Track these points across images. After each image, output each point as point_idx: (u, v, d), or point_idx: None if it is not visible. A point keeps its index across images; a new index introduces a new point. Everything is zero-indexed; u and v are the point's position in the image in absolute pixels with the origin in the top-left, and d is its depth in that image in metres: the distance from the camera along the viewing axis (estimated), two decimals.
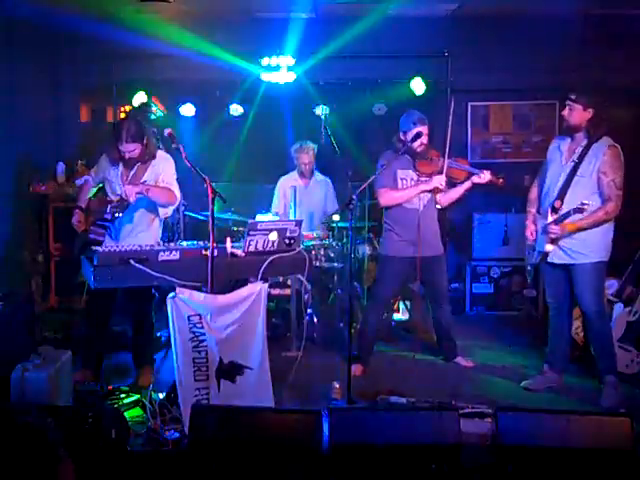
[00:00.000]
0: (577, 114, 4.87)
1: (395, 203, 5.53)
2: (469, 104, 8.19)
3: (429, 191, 5.51)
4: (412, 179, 5.53)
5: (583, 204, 4.67)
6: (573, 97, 4.88)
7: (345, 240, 6.61)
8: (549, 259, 5.00)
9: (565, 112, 4.95)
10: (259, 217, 6.64)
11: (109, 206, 5.01)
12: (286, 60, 7.27)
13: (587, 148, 4.85)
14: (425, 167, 5.50)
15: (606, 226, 4.88)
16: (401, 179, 5.53)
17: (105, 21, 6.85)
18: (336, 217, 6.62)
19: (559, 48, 7.28)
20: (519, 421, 3.57)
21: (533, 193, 5.27)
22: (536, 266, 5.22)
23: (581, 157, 4.86)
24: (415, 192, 5.48)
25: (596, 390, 5.06)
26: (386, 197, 5.54)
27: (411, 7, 7.23)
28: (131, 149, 4.94)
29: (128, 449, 3.95)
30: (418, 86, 7.56)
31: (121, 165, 5.09)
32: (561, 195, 4.90)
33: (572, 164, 4.90)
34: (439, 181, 5.42)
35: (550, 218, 4.90)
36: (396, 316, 6.87)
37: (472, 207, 7.59)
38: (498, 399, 4.94)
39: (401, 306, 6.94)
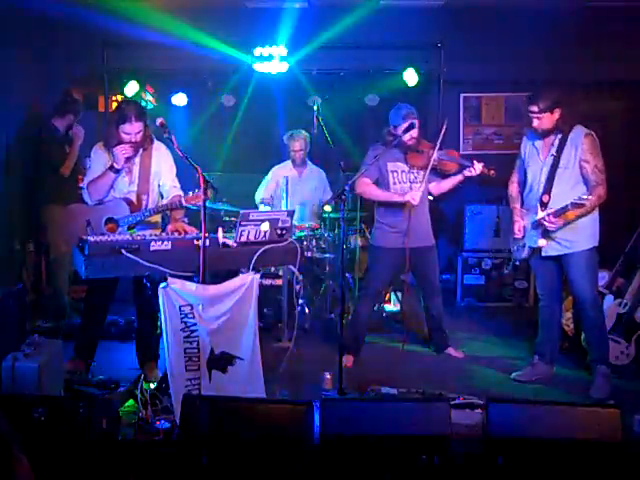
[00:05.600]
0: (547, 120, 4.87)
1: (368, 198, 5.61)
2: (461, 95, 8.20)
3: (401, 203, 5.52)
4: (403, 171, 5.53)
5: (581, 199, 4.67)
6: (536, 109, 4.84)
7: (337, 231, 6.62)
8: (544, 253, 5.01)
9: (535, 124, 4.90)
10: (262, 208, 6.66)
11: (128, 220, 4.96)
12: (279, 50, 7.25)
13: (564, 140, 4.88)
14: (415, 159, 5.49)
15: (595, 212, 4.92)
16: (392, 172, 5.52)
17: (97, 9, 6.82)
18: (328, 208, 6.61)
19: (553, 39, 7.30)
20: (509, 412, 3.59)
21: (514, 190, 5.26)
22: (525, 260, 5.24)
23: (560, 150, 4.89)
24: (389, 199, 5.50)
25: (586, 381, 5.08)
26: (363, 188, 5.52)
27: None
28: (137, 129, 4.89)
29: (119, 439, 3.95)
30: (411, 77, 7.55)
31: None
32: (547, 189, 4.92)
33: (552, 158, 4.92)
34: (412, 197, 5.38)
35: (541, 213, 4.91)
36: (387, 307, 6.88)
37: (464, 198, 7.59)
38: (489, 390, 4.96)
39: (392, 297, 6.96)
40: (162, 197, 5.14)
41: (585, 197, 4.67)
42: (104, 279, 4.56)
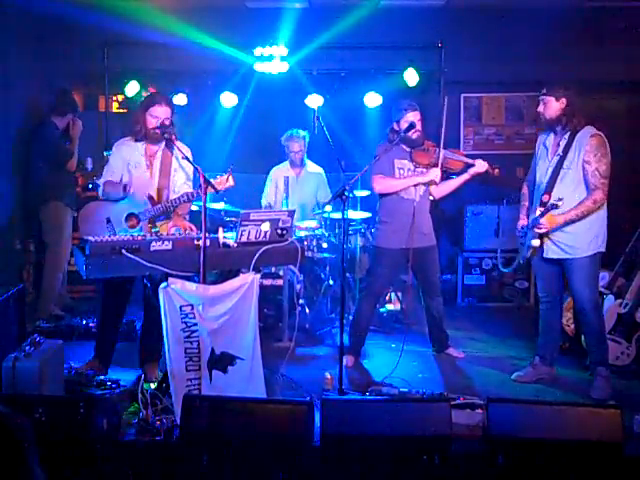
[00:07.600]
0: (550, 106, 4.90)
1: (389, 191, 5.51)
2: (462, 95, 8.19)
3: (424, 184, 5.52)
4: (409, 169, 5.53)
5: (559, 199, 4.70)
6: (544, 91, 4.94)
7: (337, 231, 6.61)
8: (544, 254, 5.00)
9: (540, 108, 4.98)
10: None
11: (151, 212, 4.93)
12: (279, 50, 7.23)
13: (571, 140, 4.87)
14: (421, 157, 5.50)
15: (600, 215, 4.87)
16: (398, 169, 5.52)
17: (97, 9, 6.81)
18: (328, 208, 6.60)
19: (553, 39, 7.28)
20: (510, 412, 3.59)
21: (525, 187, 5.29)
22: (528, 259, 5.23)
23: (566, 150, 4.87)
24: (410, 183, 5.48)
25: (586, 382, 5.08)
26: (381, 183, 5.51)
27: None
28: (166, 114, 4.90)
29: (119, 439, 3.95)
30: (411, 77, 7.54)
31: (145, 144, 5.00)
32: (549, 189, 4.91)
33: (557, 158, 4.92)
34: (435, 174, 5.43)
35: (537, 213, 4.91)
36: (388, 307, 6.88)
37: (465, 198, 7.58)
38: (489, 390, 4.95)
39: (393, 297, 6.95)
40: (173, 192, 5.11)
41: (561, 198, 4.70)
42: (119, 280, 4.57)
